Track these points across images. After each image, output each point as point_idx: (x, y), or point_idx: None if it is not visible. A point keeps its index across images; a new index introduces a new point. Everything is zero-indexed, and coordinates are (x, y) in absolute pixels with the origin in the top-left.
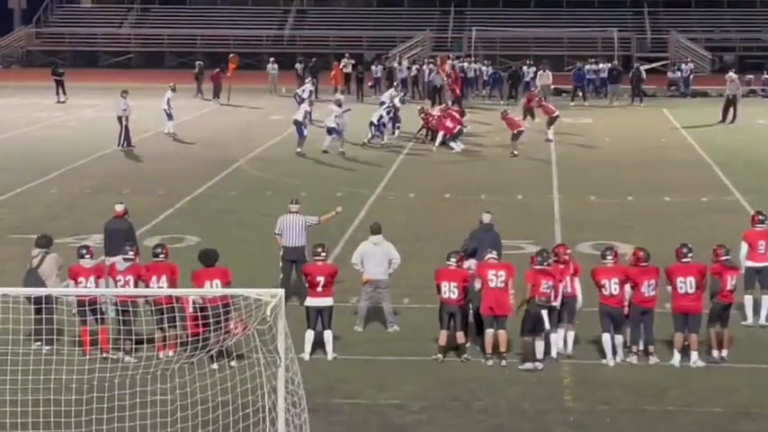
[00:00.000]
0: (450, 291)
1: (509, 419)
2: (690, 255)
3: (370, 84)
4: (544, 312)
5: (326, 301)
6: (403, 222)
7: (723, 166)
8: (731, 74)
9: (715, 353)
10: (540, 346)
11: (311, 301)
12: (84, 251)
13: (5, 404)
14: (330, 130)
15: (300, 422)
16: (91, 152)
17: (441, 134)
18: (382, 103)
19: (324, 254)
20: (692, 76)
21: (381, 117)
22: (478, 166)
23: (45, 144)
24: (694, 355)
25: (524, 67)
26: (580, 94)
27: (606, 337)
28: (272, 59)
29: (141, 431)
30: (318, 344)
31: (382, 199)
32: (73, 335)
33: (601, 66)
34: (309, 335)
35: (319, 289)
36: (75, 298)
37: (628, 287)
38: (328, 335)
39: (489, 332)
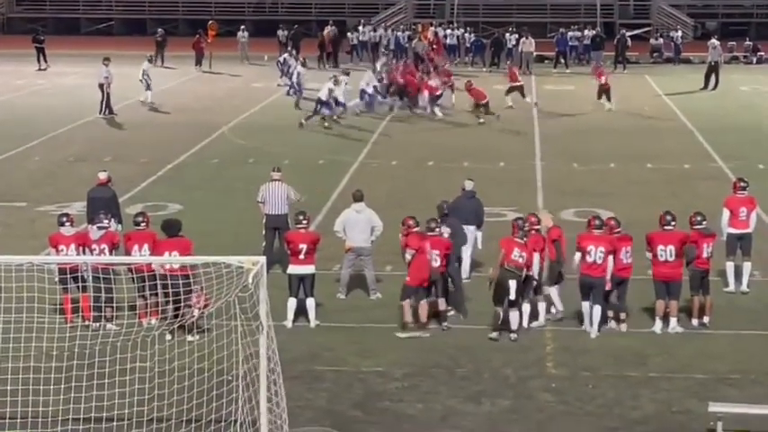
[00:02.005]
0: (432, 259)
1: (491, 386)
2: (673, 223)
3: (347, 50)
4: (512, 282)
5: (309, 269)
6: (386, 190)
7: (705, 133)
8: (713, 40)
9: (695, 321)
10: (514, 316)
11: (293, 269)
12: (65, 219)
13: None
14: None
15: (276, 388)
16: (73, 120)
17: (426, 94)
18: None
19: (306, 221)
20: (681, 44)
21: (375, 87)
22: (461, 133)
23: (27, 111)
24: (673, 321)
25: (507, 34)
26: (562, 60)
27: (586, 306)
28: (242, 27)
29: (120, 398)
30: (301, 311)
31: (365, 166)
32: (54, 302)
33: (584, 32)
34: (292, 302)
35: (302, 256)
36: (56, 266)
37: (611, 258)
38: (311, 302)
39: (412, 302)
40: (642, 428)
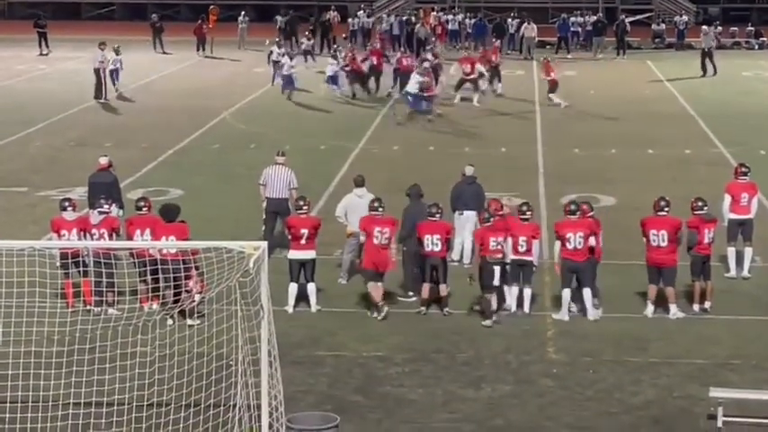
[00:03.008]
0: (432, 244)
1: (492, 371)
2: (667, 208)
3: (344, 35)
4: (496, 268)
5: (309, 254)
6: (387, 175)
7: (707, 119)
8: (705, 27)
9: (696, 306)
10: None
11: (294, 254)
12: (67, 204)
13: None
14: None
15: (272, 371)
16: (74, 105)
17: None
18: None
19: (306, 207)
20: (686, 29)
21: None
22: (463, 118)
23: (28, 97)
24: (673, 307)
25: (509, 20)
26: (564, 46)
27: (566, 293)
28: (242, 13)
29: (121, 382)
30: (302, 296)
31: (366, 152)
32: (55, 287)
33: (586, 18)
34: (292, 288)
35: (303, 241)
36: (57, 251)
37: (592, 239)
38: (311, 287)
39: (372, 284)
40: (643, 413)
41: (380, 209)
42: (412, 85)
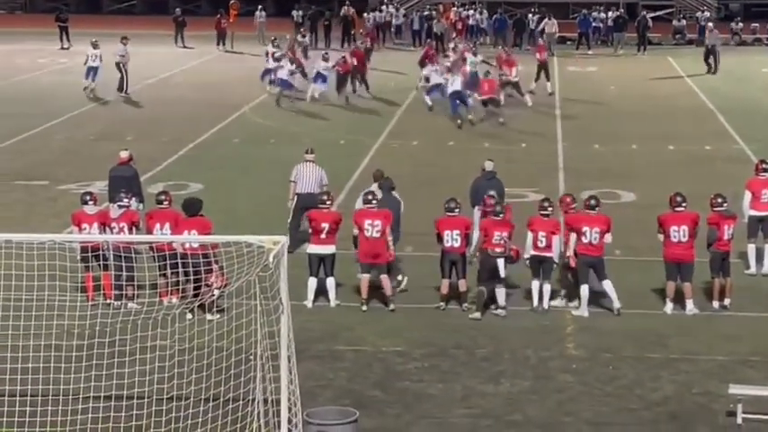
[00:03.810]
0: (452, 239)
1: (511, 367)
2: (684, 204)
3: (361, 31)
4: (500, 261)
5: (329, 249)
6: (407, 170)
7: (727, 115)
8: (710, 24)
9: (716, 303)
10: (501, 293)
11: (314, 249)
12: (88, 197)
13: (7, 349)
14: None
15: (290, 365)
16: (95, 98)
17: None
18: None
19: (329, 202)
20: (706, 25)
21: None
22: (482, 114)
23: (49, 90)
24: (689, 303)
25: (529, 15)
26: (585, 42)
27: (585, 288)
28: (260, 7)
29: (140, 376)
30: (321, 291)
31: (386, 147)
32: (76, 281)
33: (607, 14)
34: (312, 282)
35: (323, 236)
36: (78, 244)
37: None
38: (331, 282)
39: (364, 277)
40: (662, 410)
41: (374, 201)
42: (455, 85)
